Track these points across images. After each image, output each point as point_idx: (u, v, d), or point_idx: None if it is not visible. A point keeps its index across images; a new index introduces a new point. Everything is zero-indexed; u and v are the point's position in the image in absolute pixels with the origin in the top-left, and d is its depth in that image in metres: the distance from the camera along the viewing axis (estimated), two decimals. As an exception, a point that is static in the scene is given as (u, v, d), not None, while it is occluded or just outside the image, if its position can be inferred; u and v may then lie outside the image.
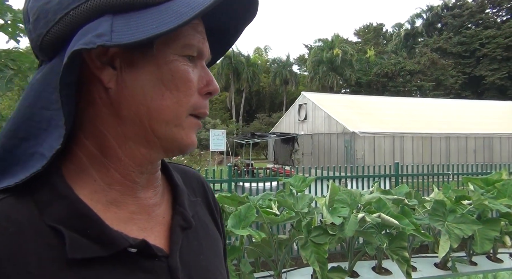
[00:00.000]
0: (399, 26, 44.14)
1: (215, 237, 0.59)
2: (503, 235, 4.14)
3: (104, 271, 0.41)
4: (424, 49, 36.49)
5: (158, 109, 0.44)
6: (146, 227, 0.48)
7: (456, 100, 22.94)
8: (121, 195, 0.46)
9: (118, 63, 0.43)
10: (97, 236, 0.41)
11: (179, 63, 0.44)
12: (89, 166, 0.45)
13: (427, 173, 6.42)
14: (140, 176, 0.47)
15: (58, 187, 0.42)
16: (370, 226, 3.56)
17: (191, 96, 0.45)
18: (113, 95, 0.43)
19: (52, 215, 0.41)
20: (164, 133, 0.45)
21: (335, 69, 33.64)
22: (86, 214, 0.42)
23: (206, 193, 0.62)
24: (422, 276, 3.99)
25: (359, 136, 14.81)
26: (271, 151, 21.79)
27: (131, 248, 0.43)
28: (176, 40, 0.44)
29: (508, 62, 32.98)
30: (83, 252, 0.40)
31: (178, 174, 0.57)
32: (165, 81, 0.44)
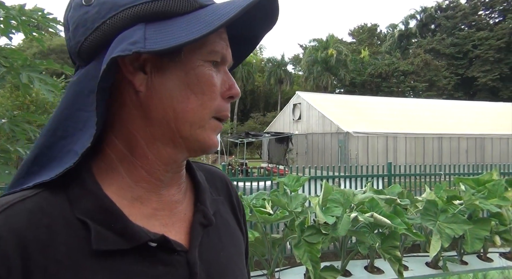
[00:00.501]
0: (393, 27, 44.39)
1: (237, 235, 0.60)
2: (493, 234, 4.20)
3: (125, 262, 0.44)
4: (418, 50, 36.76)
5: (184, 111, 0.47)
6: (168, 223, 0.50)
7: (448, 101, 23.13)
8: (146, 191, 0.49)
9: (148, 68, 0.46)
10: (120, 230, 0.44)
11: (205, 69, 0.47)
12: (118, 164, 0.48)
13: (420, 173, 6.48)
14: (165, 174, 0.50)
15: (87, 183, 0.46)
16: (362, 225, 3.59)
17: (215, 99, 0.48)
18: (143, 98, 0.47)
19: (81, 209, 0.44)
20: (189, 134, 0.48)
21: (330, 69, 33.74)
22: (111, 209, 0.45)
23: (229, 192, 0.64)
24: (413, 275, 4.03)
25: (353, 136, 14.88)
26: (266, 150, 21.79)
27: (151, 242, 0.45)
28: (203, 47, 0.47)
29: (500, 64, 33.36)
30: (107, 244, 0.43)
31: (202, 173, 0.60)
32: (191, 85, 0.47)
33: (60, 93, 1.95)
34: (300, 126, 18.93)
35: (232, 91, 0.50)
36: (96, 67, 0.44)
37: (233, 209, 0.63)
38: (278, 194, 3.81)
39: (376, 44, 46.71)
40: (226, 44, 0.50)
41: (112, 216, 0.44)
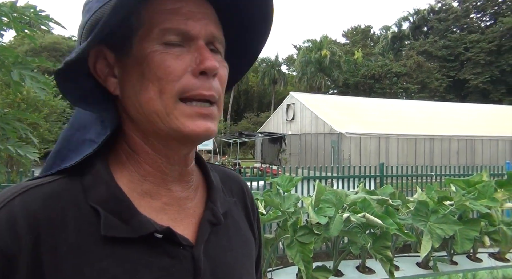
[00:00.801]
0: (387, 28, 44.72)
1: (248, 238, 0.61)
2: (483, 235, 4.26)
3: (132, 251, 0.46)
4: (410, 52, 37.08)
5: (146, 102, 0.46)
6: (176, 218, 0.51)
7: (440, 103, 23.38)
8: (154, 186, 0.50)
9: (116, 72, 0.49)
10: (128, 219, 0.46)
11: (156, 53, 0.46)
12: (127, 161, 0.51)
13: (411, 174, 6.54)
14: (170, 168, 0.51)
15: (101, 173, 0.48)
16: (355, 225, 3.61)
17: (174, 81, 0.45)
18: (121, 101, 0.49)
19: (94, 197, 0.47)
20: (162, 125, 0.47)
21: (323, 70, 33.87)
22: (121, 199, 0.47)
23: (244, 196, 0.65)
24: (404, 275, 4.07)
25: (346, 137, 14.96)
26: (259, 150, 21.81)
27: (157, 234, 0.47)
28: (150, 31, 0.46)
29: (490, 67, 33.79)
30: (115, 231, 0.45)
31: (217, 174, 0.61)
32: (147, 74, 0.46)
33: (52, 91, 1.94)
34: (293, 127, 18.98)
35: (201, 66, 0.46)
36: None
37: (247, 213, 0.64)
38: (271, 194, 3.82)
39: (369, 45, 47.02)
40: (186, 17, 0.47)
41: (121, 205, 0.46)
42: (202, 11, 0.48)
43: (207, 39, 0.48)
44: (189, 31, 0.47)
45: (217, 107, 0.49)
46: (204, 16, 0.48)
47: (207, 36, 0.48)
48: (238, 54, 0.57)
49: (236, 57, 0.56)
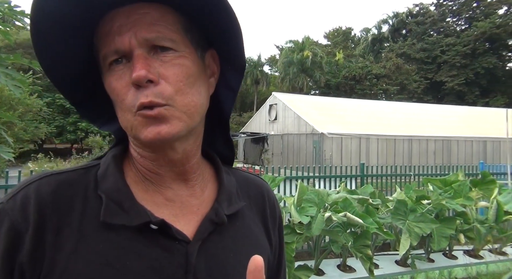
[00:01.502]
0: (367, 31, 45.51)
1: (260, 243, 0.60)
2: (458, 233, 4.39)
3: (127, 238, 0.48)
4: (390, 54, 37.87)
5: (119, 120, 0.52)
6: (178, 214, 0.53)
7: (418, 104, 23.97)
8: (155, 184, 0.54)
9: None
10: (128, 208, 0.49)
11: (107, 79, 0.50)
12: (131, 162, 0.56)
13: (391, 174, 6.68)
14: (162, 169, 0.54)
15: (111, 167, 0.53)
16: (336, 225, 3.66)
17: (123, 100, 0.48)
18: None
19: (102, 187, 0.51)
20: (133, 137, 0.52)
21: (305, 70, 34.16)
22: (123, 190, 0.51)
23: (263, 202, 0.65)
24: (383, 273, 4.15)
25: (327, 137, 15.14)
26: (241, 151, 21.79)
27: (152, 225, 0.49)
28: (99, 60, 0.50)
29: (466, 69, 34.92)
30: (113, 218, 0.49)
31: (235, 178, 0.63)
32: (112, 99, 0.52)
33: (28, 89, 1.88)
34: (276, 127, 19.06)
35: (131, 79, 0.47)
36: None
37: (264, 218, 0.63)
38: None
39: (350, 47, 47.73)
40: (114, 35, 0.47)
41: (123, 195, 0.50)
42: (131, 19, 0.48)
43: (144, 45, 0.48)
44: (119, 48, 0.48)
45: (173, 107, 0.48)
46: (133, 24, 0.47)
47: (141, 44, 0.47)
48: (228, 59, 0.57)
49: (228, 63, 0.57)
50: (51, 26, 0.46)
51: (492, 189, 4.63)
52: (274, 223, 0.65)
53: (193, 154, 0.55)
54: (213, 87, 0.58)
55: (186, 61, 0.50)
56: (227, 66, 0.58)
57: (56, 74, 0.51)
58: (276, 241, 0.65)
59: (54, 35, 0.47)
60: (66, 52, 0.50)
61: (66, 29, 0.47)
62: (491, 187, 4.64)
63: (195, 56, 0.52)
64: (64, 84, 0.53)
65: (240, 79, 0.60)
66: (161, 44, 0.48)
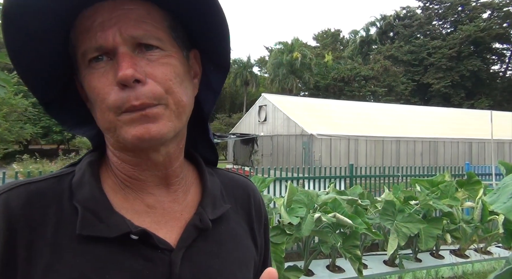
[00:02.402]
0: (355, 33, 45.96)
1: (246, 246, 0.58)
2: (445, 233, 4.46)
3: (105, 250, 0.46)
4: (378, 56, 38.31)
5: (98, 123, 0.49)
6: (160, 221, 0.51)
7: (405, 106, 24.30)
8: (135, 191, 0.51)
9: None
10: (105, 219, 0.47)
11: (86, 77, 0.47)
12: (109, 166, 0.53)
13: (379, 175, 6.76)
14: (144, 174, 0.51)
15: (87, 174, 0.50)
16: (325, 225, 3.68)
17: (105, 100, 0.45)
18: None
19: (77, 197, 0.48)
20: (115, 139, 0.48)
21: (295, 72, 34.30)
22: (100, 199, 0.48)
23: (249, 202, 0.63)
24: (372, 273, 4.19)
25: (317, 138, 15.22)
26: (231, 152, 21.75)
27: (133, 235, 0.46)
28: (77, 56, 0.47)
29: (451, 72, 35.56)
30: (90, 230, 0.46)
31: (220, 179, 0.61)
32: (90, 98, 0.48)
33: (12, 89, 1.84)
34: (265, 128, 19.08)
35: (116, 78, 0.44)
36: None
37: (249, 220, 0.61)
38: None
39: (339, 49, 48.13)
40: (96, 30, 0.45)
41: (100, 205, 0.47)
42: (115, 15, 0.45)
43: (129, 43, 0.45)
44: (102, 45, 0.45)
45: (164, 106, 0.46)
46: (118, 20, 0.45)
47: (127, 41, 0.45)
48: (212, 59, 0.56)
49: (212, 64, 0.56)
50: (25, 19, 0.43)
51: (477, 189, 4.72)
52: (260, 224, 0.63)
53: (176, 156, 0.53)
54: (197, 89, 0.55)
55: (173, 61, 0.48)
56: (210, 67, 0.56)
57: (27, 69, 0.48)
58: (262, 242, 0.63)
59: (28, 28, 0.44)
60: (39, 47, 0.46)
61: (42, 22, 0.44)
62: (476, 188, 4.74)
63: (181, 55, 0.50)
64: (35, 80, 0.49)
65: (223, 81, 0.58)
66: (148, 42, 0.46)
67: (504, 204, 0.83)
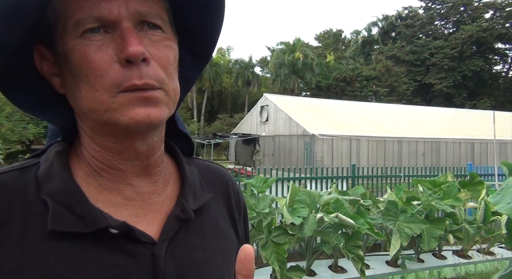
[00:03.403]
0: (357, 33, 45.93)
1: (227, 235, 0.57)
2: (447, 233, 4.46)
3: (82, 247, 0.42)
4: (380, 56, 38.25)
5: (81, 101, 0.43)
6: (140, 213, 0.48)
7: (407, 106, 24.28)
8: (112, 182, 0.47)
9: (57, 70, 0.46)
10: (80, 213, 0.43)
11: (76, 48, 0.42)
12: (83, 156, 0.48)
13: (381, 175, 6.75)
14: (124, 163, 0.47)
15: (56, 165, 0.46)
16: (328, 225, 3.68)
17: (101, 76, 0.41)
18: (68, 99, 0.47)
19: (46, 190, 0.44)
20: (103, 121, 0.43)
21: (296, 72, 34.30)
22: (73, 191, 0.44)
23: (228, 191, 0.61)
24: (374, 273, 4.19)
25: (318, 138, 15.22)
26: (232, 152, 21.78)
27: (112, 229, 0.43)
28: (66, 25, 0.42)
29: (454, 72, 35.49)
30: (64, 226, 0.42)
31: (197, 169, 0.58)
32: (75, 72, 0.43)
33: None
34: (267, 128, 19.08)
35: (123, 54, 0.41)
36: None
37: (229, 209, 0.59)
38: (246, 195, 3.82)
39: (340, 49, 48.09)
40: (97, 1, 0.41)
41: (73, 198, 0.43)
42: None
43: (134, 18, 0.43)
44: (105, 16, 0.41)
45: (164, 91, 0.44)
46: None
47: (132, 15, 0.42)
48: (195, 53, 0.54)
49: (193, 55, 0.54)
50: None
51: (480, 190, 4.71)
52: (240, 212, 0.61)
53: (159, 146, 0.50)
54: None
55: (173, 45, 0.47)
56: (190, 58, 0.53)
57: None
58: (242, 231, 0.61)
59: None
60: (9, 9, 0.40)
61: None
62: (479, 188, 4.73)
63: (176, 41, 0.48)
64: None
65: (199, 74, 0.56)
66: (152, 21, 0.44)
67: (508, 204, 0.83)
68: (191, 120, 31.52)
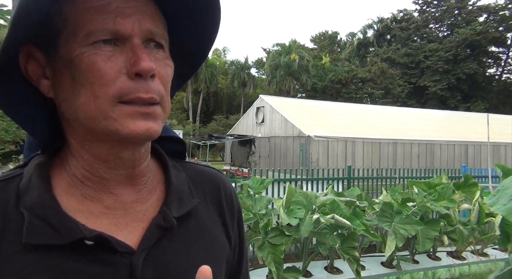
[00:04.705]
0: (352, 35, 46.12)
1: (218, 241, 0.56)
2: (442, 234, 4.49)
3: (59, 258, 0.43)
4: (375, 58, 38.47)
5: (79, 107, 0.44)
6: (120, 223, 0.48)
7: (402, 108, 24.41)
8: (95, 190, 0.48)
9: (48, 73, 0.46)
10: (56, 225, 0.43)
11: (85, 55, 0.43)
12: (67, 164, 0.49)
13: (377, 176, 6.79)
14: (109, 172, 0.48)
15: (34, 177, 0.46)
16: (324, 226, 3.70)
17: (107, 85, 0.42)
18: (57, 104, 0.47)
19: (25, 202, 0.44)
20: (100, 129, 0.44)
21: (292, 74, 34.40)
22: (49, 204, 0.44)
23: (219, 195, 0.60)
24: (370, 274, 4.21)
25: (314, 140, 15.26)
26: (228, 153, 21.75)
27: (87, 241, 0.43)
28: (77, 32, 0.43)
29: (448, 75, 35.78)
30: (39, 238, 0.42)
31: (186, 173, 0.57)
32: (77, 78, 0.43)
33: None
34: (263, 130, 19.10)
35: (136, 68, 0.43)
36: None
37: (221, 213, 0.59)
38: (242, 196, 3.83)
39: (336, 51, 48.29)
40: (115, 15, 0.43)
41: (48, 210, 0.43)
42: (132, 5, 0.44)
43: (144, 36, 0.45)
44: (119, 31, 0.43)
45: (161, 107, 0.46)
46: (135, 10, 0.44)
47: (143, 33, 0.45)
48: (184, 55, 0.54)
49: (180, 58, 0.54)
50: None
51: (474, 191, 4.76)
52: (233, 216, 0.60)
53: (145, 156, 0.50)
54: None
55: (171, 63, 0.49)
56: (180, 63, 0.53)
57: None
58: (236, 235, 0.61)
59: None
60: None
61: None
62: (473, 190, 4.78)
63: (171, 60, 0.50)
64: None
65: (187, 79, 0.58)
66: (158, 40, 0.46)
67: (504, 205, 0.85)
68: (186, 121, 31.46)
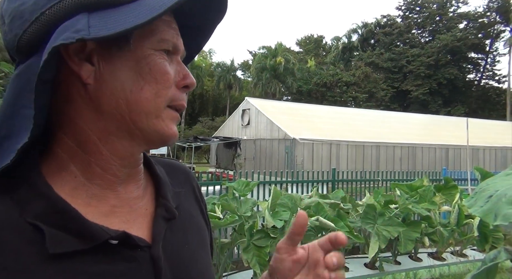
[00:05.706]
0: (337, 39, 46.74)
1: (201, 227, 0.60)
2: (423, 236, 4.59)
3: (85, 263, 0.42)
4: (359, 62, 39.09)
5: (138, 101, 0.45)
6: (128, 219, 0.49)
7: (385, 112, 24.81)
8: (101, 189, 0.47)
9: (96, 60, 0.44)
10: (77, 231, 0.42)
11: (156, 57, 0.46)
12: (70, 163, 0.46)
13: (360, 179, 6.89)
14: (121, 170, 0.48)
15: (37, 185, 0.43)
16: (308, 228, 3.73)
17: (169, 88, 0.48)
18: (92, 91, 0.45)
19: (32, 213, 0.42)
20: (146, 125, 0.47)
21: (278, 76, 34.57)
22: (65, 210, 0.43)
23: (192, 184, 0.64)
24: (353, 275, 4.26)
25: (299, 142, 15.36)
26: (214, 155, 21.66)
27: (112, 240, 0.44)
28: (152, 35, 0.46)
29: (429, 79, 36.68)
30: (63, 247, 0.41)
31: (161, 167, 0.59)
32: (143, 75, 0.46)
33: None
34: (248, 132, 19.10)
35: (187, 81, 0.50)
36: (39, 60, 0.40)
37: (197, 200, 0.63)
38: (228, 199, 3.83)
39: (321, 55, 48.84)
40: (177, 33, 0.50)
41: (67, 217, 0.42)
42: (174, 29, 0.50)
43: (182, 55, 0.52)
44: (178, 46, 0.50)
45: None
46: (177, 34, 0.50)
47: (183, 52, 0.51)
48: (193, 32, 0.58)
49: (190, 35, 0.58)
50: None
51: (454, 194, 4.88)
52: (204, 203, 0.65)
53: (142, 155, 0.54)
54: None
55: None
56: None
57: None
58: (207, 220, 0.65)
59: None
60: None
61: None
62: (453, 192, 4.90)
63: None
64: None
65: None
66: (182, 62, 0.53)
67: (481, 207, 0.89)
68: (171, 123, 31.14)
